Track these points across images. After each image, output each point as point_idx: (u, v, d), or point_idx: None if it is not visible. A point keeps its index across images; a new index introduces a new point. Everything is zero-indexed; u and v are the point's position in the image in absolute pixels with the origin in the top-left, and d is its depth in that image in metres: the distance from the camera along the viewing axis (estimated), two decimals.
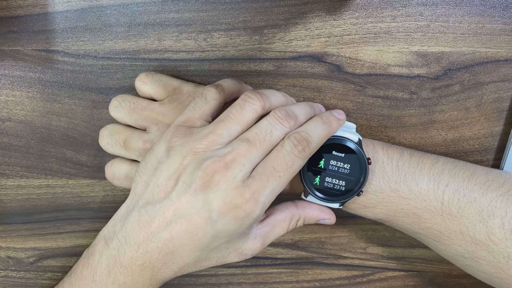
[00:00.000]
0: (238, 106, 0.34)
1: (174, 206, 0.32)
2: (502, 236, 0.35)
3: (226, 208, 0.32)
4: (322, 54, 0.40)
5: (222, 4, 0.40)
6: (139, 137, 0.38)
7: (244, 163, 0.32)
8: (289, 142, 0.33)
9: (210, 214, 0.32)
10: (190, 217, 0.32)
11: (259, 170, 0.33)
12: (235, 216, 0.32)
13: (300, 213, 0.37)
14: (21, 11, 0.40)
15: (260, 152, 0.33)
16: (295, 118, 0.34)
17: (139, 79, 0.39)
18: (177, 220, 0.32)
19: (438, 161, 0.37)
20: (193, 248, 0.33)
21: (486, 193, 0.36)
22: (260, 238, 0.35)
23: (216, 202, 0.32)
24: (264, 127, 0.34)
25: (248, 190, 0.32)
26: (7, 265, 0.45)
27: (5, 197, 0.44)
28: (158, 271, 0.34)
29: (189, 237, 0.33)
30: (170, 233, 0.33)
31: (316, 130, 0.34)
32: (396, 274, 0.46)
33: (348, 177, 0.36)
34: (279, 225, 0.36)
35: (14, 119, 0.42)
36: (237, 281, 0.46)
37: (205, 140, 0.33)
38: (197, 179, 0.32)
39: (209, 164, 0.32)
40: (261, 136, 0.33)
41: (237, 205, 0.32)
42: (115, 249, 0.34)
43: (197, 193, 0.32)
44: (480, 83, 0.41)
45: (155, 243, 0.33)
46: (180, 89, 0.39)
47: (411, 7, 0.39)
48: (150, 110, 0.38)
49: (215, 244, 0.33)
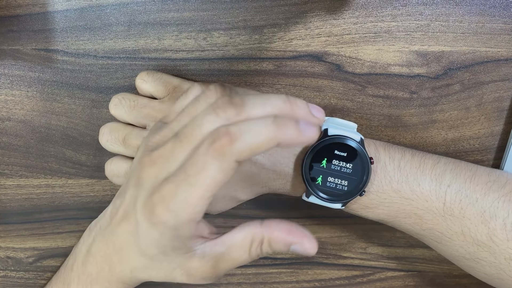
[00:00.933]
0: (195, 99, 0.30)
1: (124, 201, 0.32)
2: (504, 237, 0.35)
3: (144, 210, 0.28)
4: (322, 54, 0.40)
5: (222, 3, 0.40)
6: (139, 135, 0.38)
7: (168, 160, 0.28)
8: (207, 139, 0.27)
9: (136, 214, 0.29)
10: (129, 215, 0.31)
11: (175, 172, 0.28)
12: (150, 221, 0.28)
13: (263, 233, 0.30)
14: (21, 10, 0.40)
15: (186, 148, 0.28)
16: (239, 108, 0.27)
17: (139, 77, 0.39)
18: (124, 217, 0.31)
19: (440, 161, 0.37)
20: (134, 251, 0.31)
21: (488, 194, 0.36)
22: (210, 259, 0.30)
23: (139, 201, 0.29)
24: (196, 118, 0.28)
25: (158, 194, 0.27)
26: (6, 265, 0.45)
27: (5, 196, 0.44)
28: (114, 268, 0.33)
29: (130, 237, 0.31)
30: (120, 228, 0.32)
31: (254, 128, 0.26)
32: (396, 274, 0.46)
33: (351, 177, 0.36)
34: (237, 247, 0.30)
35: (13, 119, 0.42)
36: (236, 281, 0.46)
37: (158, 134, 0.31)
38: (134, 173, 0.30)
39: (140, 159, 0.30)
40: (189, 129, 0.28)
41: (150, 209, 0.28)
42: (92, 238, 0.35)
43: (132, 189, 0.30)
44: (480, 82, 0.41)
45: (113, 236, 0.32)
46: (181, 87, 0.39)
47: (411, 7, 0.39)
48: (150, 107, 0.38)
49: (150, 252, 0.30)
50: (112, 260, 0.33)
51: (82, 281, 0.35)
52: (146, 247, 0.30)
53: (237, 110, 0.27)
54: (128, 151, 0.38)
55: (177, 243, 0.29)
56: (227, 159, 0.26)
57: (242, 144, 0.26)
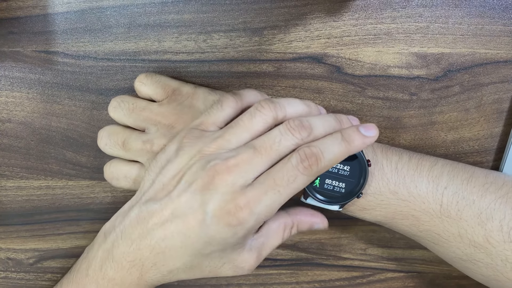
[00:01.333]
0: (249, 114, 0.34)
1: (173, 205, 0.32)
2: (500, 238, 0.35)
3: (220, 213, 0.31)
4: (322, 55, 0.40)
5: (222, 6, 0.40)
6: (138, 138, 0.38)
7: (246, 170, 0.31)
8: (296, 156, 0.32)
9: (204, 217, 0.31)
10: (186, 218, 0.32)
11: (260, 180, 0.32)
12: (228, 223, 0.31)
13: (292, 220, 0.37)
14: (21, 12, 0.40)
15: (264, 161, 0.32)
16: (309, 129, 0.33)
17: (138, 80, 0.39)
18: (173, 220, 0.32)
19: (437, 163, 0.37)
20: (184, 251, 0.33)
21: (484, 196, 0.36)
22: (255, 250, 0.34)
23: (212, 205, 0.31)
24: (273, 135, 0.33)
25: (244, 199, 0.31)
26: (7, 266, 0.45)
27: (5, 198, 0.44)
28: (147, 271, 0.34)
29: (182, 239, 0.32)
30: (164, 232, 0.32)
31: (331, 147, 0.33)
32: (396, 275, 0.46)
33: (348, 179, 0.36)
34: (273, 235, 0.36)
35: (14, 120, 0.42)
36: (236, 282, 0.46)
37: (214, 143, 0.33)
38: (198, 179, 0.32)
39: (212, 166, 0.32)
40: (268, 144, 0.32)
41: (230, 212, 0.31)
42: (111, 243, 0.35)
43: (195, 193, 0.32)
44: (479, 84, 0.41)
45: (149, 240, 0.33)
46: (180, 90, 0.39)
47: (410, 9, 0.39)
48: (149, 110, 0.38)
49: (207, 250, 0.33)
50: (145, 264, 0.33)
51: (102, 285, 0.35)
52: (205, 246, 0.32)
53: (308, 132, 0.33)
54: (128, 154, 0.38)
55: (241, 240, 0.33)
56: (312, 175, 0.32)
57: (325, 162, 0.32)
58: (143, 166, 0.38)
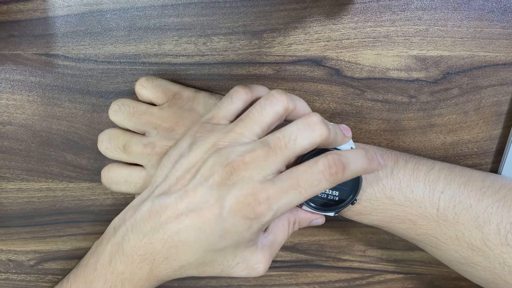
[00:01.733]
0: (259, 106, 0.33)
1: (188, 199, 0.32)
2: (498, 242, 0.35)
3: (238, 206, 0.31)
4: (321, 58, 0.41)
5: (222, 9, 0.40)
6: (139, 141, 0.38)
7: (262, 166, 0.31)
8: (323, 161, 0.31)
9: (221, 211, 0.31)
10: (201, 212, 0.32)
11: (283, 177, 0.31)
12: (245, 216, 0.31)
13: (294, 216, 0.37)
14: (22, 15, 0.40)
15: (279, 159, 0.32)
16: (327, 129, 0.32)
17: (139, 84, 0.40)
18: (188, 213, 0.32)
19: (434, 167, 0.37)
20: (198, 246, 0.32)
21: (482, 200, 0.36)
22: (268, 248, 0.34)
23: (230, 199, 0.31)
24: (289, 132, 0.32)
25: (264, 193, 0.31)
26: (7, 268, 0.46)
27: (6, 200, 0.44)
28: (158, 266, 0.33)
29: (196, 233, 0.32)
30: (178, 225, 0.32)
31: (356, 160, 0.33)
32: (395, 276, 0.46)
33: (341, 187, 0.36)
34: (280, 232, 0.36)
35: (14, 123, 0.42)
36: (236, 283, 0.46)
37: (227, 137, 0.33)
38: (215, 174, 0.32)
39: (229, 162, 0.31)
40: (283, 142, 0.32)
41: (249, 205, 0.31)
42: (120, 236, 0.34)
43: (213, 188, 0.32)
44: (478, 87, 0.41)
45: (161, 234, 0.32)
46: (180, 94, 0.39)
47: (410, 12, 0.40)
48: (149, 114, 0.38)
49: (220, 245, 0.32)
50: (156, 258, 0.33)
51: (110, 280, 0.34)
52: (220, 240, 0.32)
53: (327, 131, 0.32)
54: (130, 157, 0.38)
55: (254, 236, 0.33)
56: (335, 182, 0.32)
57: (348, 173, 0.32)
58: (143, 169, 0.38)
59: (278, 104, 0.33)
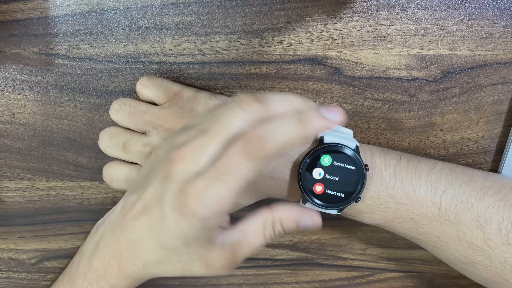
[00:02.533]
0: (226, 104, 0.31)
1: (143, 196, 0.32)
2: (499, 241, 0.35)
3: (174, 204, 0.29)
4: (321, 57, 0.41)
5: (222, 8, 0.40)
6: (139, 140, 0.38)
7: (198, 155, 0.29)
8: (240, 141, 0.28)
9: (162, 207, 0.30)
10: (151, 210, 0.31)
11: (207, 168, 0.29)
12: (182, 213, 0.29)
13: (274, 215, 0.32)
14: (22, 14, 0.40)
15: (216, 143, 0.29)
16: (264, 103, 0.29)
17: (140, 83, 0.40)
18: (144, 212, 0.31)
19: (436, 166, 0.38)
20: (153, 244, 0.31)
21: (483, 199, 0.36)
22: (229, 248, 0.31)
23: (168, 194, 0.29)
24: (224, 114, 0.30)
25: (192, 188, 0.29)
26: (9, 266, 0.46)
27: (7, 199, 0.44)
28: (124, 263, 0.33)
29: (149, 231, 0.31)
30: (136, 223, 0.32)
31: (282, 128, 0.28)
32: (395, 275, 0.46)
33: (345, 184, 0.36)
34: (251, 232, 0.32)
35: (15, 122, 0.43)
36: (237, 282, 0.46)
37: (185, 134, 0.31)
38: (161, 169, 0.30)
39: (168, 154, 0.30)
40: (220, 125, 0.29)
41: (182, 202, 0.29)
42: (99, 235, 0.35)
43: (158, 184, 0.30)
44: (479, 85, 0.41)
45: (125, 231, 0.33)
46: (181, 94, 0.39)
47: (410, 10, 0.40)
48: (150, 114, 0.38)
49: (172, 244, 0.31)
50: (122, 255, 0.33)
51: (88, 278, 0.35)
52: (169, 239, 0.31)
53: (261, 104, 0.29)
54: (129, 156, 0.39)
55: (202, 234, 0.30)
56: (258, 160, 0.28)
57: (272, 145, 0.28)
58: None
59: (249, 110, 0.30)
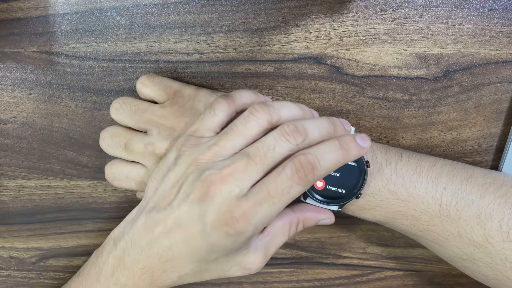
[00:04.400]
0: (243, 119, 0.33)
1: (174, 215, 0.33)
2: (500, 238, 0.35)
3: (218, 223, 0.31)
4: (321, 56, 0.41)
5: (222, 6, 0.40)
6: (140, 140, 0.38)
7: (241, 178, 0.31)
8: (290, 166, 0.31)
9: (204, 227, 0.32)
10: (187, 228, 0.32)
11: (254, 191, 0.31)
12: (227, 233, 0.31)
13: (298, 217, 0.37)
14: (22, 13, 0.40)
15: (260, 169, 0.32)
16: (304, 134, 0.32)
17: (140, 82, 0.40)
18: (176, 229, 0.33)
19: (437, 163, 0.38)
20: (191, 258, 0.33)
21: (484, 196, 0.36)
22: (261, 250, 0.35)
23: (210, 215, 0.31)
24: (267, 142, 0.32)
25: (239, 210, 0.31)
26: (9, 265, 0.46)
27: (7, 197, 0.44)
28: (157, 278, 0.34)
29: (186, 247, 0.33)
30: (169, 241, 0.33)
31: (328, 155, 0.32)
32: (395, 273, 0.46)
33: (346, 181, 0.36)
34: (279, 233, 0.36)
35: (15, 121, 0.43)
36: (237, 280, 0.46)
37: (209, 151, 0.33)
38: (195, 190, 0.32)
39: (207, 176, 0.31)
40: (262, 151, 0.32)
41: (228, 222, 0.31)
42: (121, 250, 0.35)
43: (194, 204, 0.32)
44: (479, 84, 0.41)
45: (156, 249, 0.33)
46: (181, 92, 0.39)
47: (410, 9, 0.40)
48: (151, 112, 0.38)
49: (211, 257, 0.33)
50: (155, 271, 0.34)
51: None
52: (208, 253, 0.33)
53: (303, 137, 0.32)
54: (130, 156, 0.39)
55: (243, 246, 0.33)
56: (308, 184, 0.32)
57: (321, 171, 0.31)
58: (144, 167, 0.38)
59: (262, 117, 0.33)
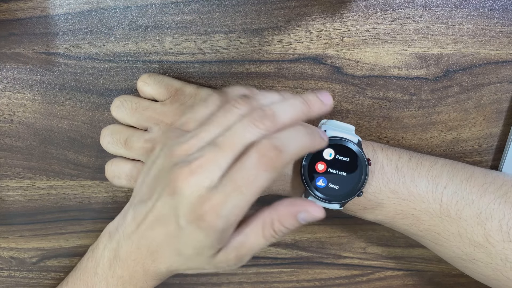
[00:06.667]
0: (223, 110, 0.32)
1: (154, 208, 0.32)
2: (500, 238, 0.35)
3: (190, 216, 0.30)
4: (322, 56, 0.41)
5: (222, 7, 0.40)
6: (141, 137, 0.38)
7: (210, 169, 0.30)
8: (254, 153, 0.30)
9: (178, 220, 0.31)
10: (165, 221, 0.32)
11: (223, 181, 0.30)
12: (199, 226, 0.30)
13: (271, 214, 0.33)
14: (22, 13, 0.40)
15: (230, 158, 0.30)
16: (272, 117, 0.31)
17: (141, 80, 0.40)
18: (157, 222, 0.32)
19: (437, 163, 0.38)
20: (173, 250, 0.33)
21: (484, 196, 0.36)
22: (232, 250, 0.32)
23: (182, 209, 0.30)
24: (236, 129, 0.31)
25: (208, 202, 0.30)
26: (10, 265, 0.46)
27: (8, 198, 0.44)
28: (149, 268, 0.34)
29: (167, 240, 0.32)
30: (153, 233, 0.33)
31: (294, 139, 0.31)
32: (395, 273, 0.46)
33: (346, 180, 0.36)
34: (251, 233, 0.33)
35: (16, 121, 0.43)
36: (237, 280, 0.47)
37: (186, 144, 0.32)
38: (167, 184, 0.31)
39: (176, 169, 0.30)
40: (232, 139, 0.30)
41: (199, 215, 0.30)
42: (116, 242, 0.35)
43: (167, 198, 0.31)
44: (479, 84, 0.41)
45: (144, 240, 0.33)
46: (182, 90, 0.39)
47: (410, 9, 0.40)
48: (152, 110, 0.38)
49: (187, 252, 0.32)
50: (145, 261, 0.34)
51: (111, 284, 0.36)
52: (184, 248, 0.32)
53: (271, 121, 0.31)
54: (130, 153, 0.39)
55: (215, 243, 0.31)
56: (275, 170, 0.30)
57: (287, 155, 0.30)
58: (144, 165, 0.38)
59: (242, 108, 0.32)
